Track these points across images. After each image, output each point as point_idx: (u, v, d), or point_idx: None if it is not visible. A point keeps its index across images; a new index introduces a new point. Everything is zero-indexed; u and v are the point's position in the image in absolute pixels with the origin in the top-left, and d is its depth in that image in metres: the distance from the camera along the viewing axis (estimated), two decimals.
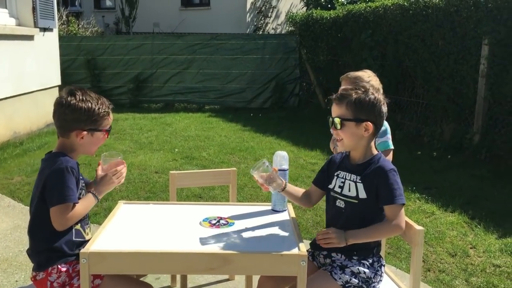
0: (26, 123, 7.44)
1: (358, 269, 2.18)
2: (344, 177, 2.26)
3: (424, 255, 3.68)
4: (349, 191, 2.22)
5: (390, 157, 2.88)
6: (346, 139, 2.20)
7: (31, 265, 3.32)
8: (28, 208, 4.37)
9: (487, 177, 5.63)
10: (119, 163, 2.35)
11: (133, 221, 2.36)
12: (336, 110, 2.21)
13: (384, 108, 2.21)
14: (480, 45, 6.32)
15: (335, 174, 2.31)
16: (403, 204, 2.16)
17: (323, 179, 2.39)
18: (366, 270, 2.18)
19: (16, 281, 3.20)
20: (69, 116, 2.20)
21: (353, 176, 2.22)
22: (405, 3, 7.43)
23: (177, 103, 10.78)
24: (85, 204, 2.23)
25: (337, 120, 2.17)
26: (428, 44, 7.17)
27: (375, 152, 2.26)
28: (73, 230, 2.22)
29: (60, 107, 2.21)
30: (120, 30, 16.66)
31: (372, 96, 2.17)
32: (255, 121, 8.90)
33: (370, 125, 2.16)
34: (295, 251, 2.00)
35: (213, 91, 10.66)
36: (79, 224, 2.24)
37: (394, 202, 2.12)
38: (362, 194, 2.18)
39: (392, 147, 2.91)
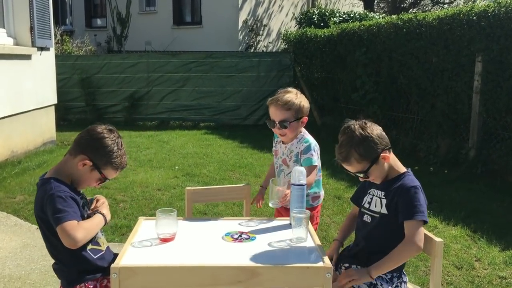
0: (23, 142, 7.43)
1: (375, 281, 2.23)
2: (373, 194, 2.37)
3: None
4: (375, 206, 2.32)
5: (314, 174, 2.78)
6: (376, 178, 2.32)
7: (45, 283, 3.33)
8: (34, 226, 4.39)
9: (485, 191, 5.74)
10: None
11: (156, 236, 2.38)
12: (352, 169, 2.29)
13: (370, 130, 2.23)
14: (474, 62, 6.48)
15: (368, 191, 2.41)
16: (424, 222, 2.18)
17: (358, 196, 2.51)
18: (385, 284, 2.23)
19: None
20: (91, 142, 2.21)
21: (380, 193, 2.33)
22: (399, 22, 7.61)
23: (173, 121, 10.82)
24: (94, 222, 2.22)
25: (362, 175, 2.29)
26: (422, 61, 7.33)
27: (402, 170, 2.34)
28: (88, 251, 2.21)
29: (92, 132, 2.23)
30: (112, 48, 16.73)
31: (360, 137, 2.21)
32: (252, 138, 8.97)
33: (383, 156, 2.25)
34: (320, 263, 2.05)
35: (208, 108, 10.73)
36: (90, 243, 2.23)
37: (412, 217, 2.17)
38: (384, 210, 2.27)
39: (315, 163, 2.80)
